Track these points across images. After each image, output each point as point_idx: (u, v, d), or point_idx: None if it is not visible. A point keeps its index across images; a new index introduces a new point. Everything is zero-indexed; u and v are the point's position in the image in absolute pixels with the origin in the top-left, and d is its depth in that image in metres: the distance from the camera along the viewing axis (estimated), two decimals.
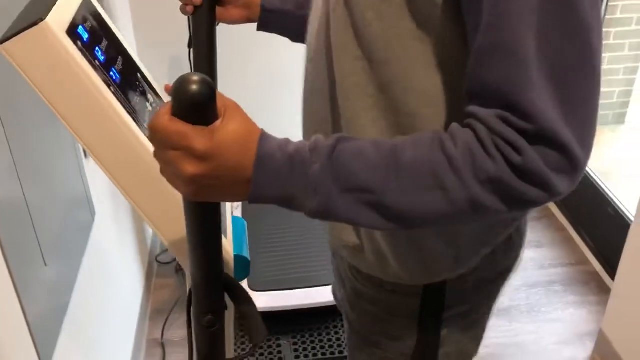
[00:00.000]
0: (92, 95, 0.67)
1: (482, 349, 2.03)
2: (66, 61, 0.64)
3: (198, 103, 0.53)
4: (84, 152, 1.37)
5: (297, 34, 0.96)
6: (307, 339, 2.02)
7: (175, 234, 0.75)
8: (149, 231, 2.36)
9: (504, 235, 0.82)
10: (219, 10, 0.98)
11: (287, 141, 0.60)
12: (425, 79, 0.66)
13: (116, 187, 0.71)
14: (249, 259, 0.88)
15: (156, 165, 0.61)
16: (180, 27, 1.24)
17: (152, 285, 2.23)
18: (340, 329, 2.05)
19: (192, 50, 0.96)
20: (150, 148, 0.60)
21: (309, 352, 1.97)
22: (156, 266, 2.32)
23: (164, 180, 0.60)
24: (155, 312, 2.13)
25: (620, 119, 3.12)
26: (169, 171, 0.57)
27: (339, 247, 0.87)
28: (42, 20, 0.60)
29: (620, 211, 2.18)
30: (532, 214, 2.42)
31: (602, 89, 1.75)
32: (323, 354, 1.97)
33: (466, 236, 0.78)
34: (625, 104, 3.09)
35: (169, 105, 0.54)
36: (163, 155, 0.56)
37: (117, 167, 0.70)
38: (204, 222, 0.62)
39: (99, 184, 1.54)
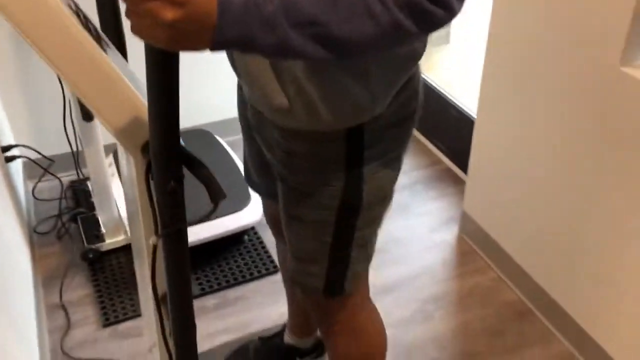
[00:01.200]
0: None
1: None
2: None
3: None
4: None
5: None
6: (209, 271, 2.11)
7: (121, 120, 0.82)
8: (23, 203, 2.28)
9: (406, 78, 0.99)
10: None
11: None
12: None
13: (55, 70, 0.76)
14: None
15: (98, 53, 0.67)
16: None
17: (36, 256, 2.17)
18: (238, 257, 2.16)
19: None
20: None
21: (214, 283, 2.07)
22: (36, 237, 2.26)
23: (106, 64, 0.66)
24: (47, 279, 2.09)
25: (444, 38, 3.47)
26: (145, 25, 0.64)
27: (271, 114, 0.99)
28: None
29: (463, 112, 2.49)
30: None
31: None
32: (227, 281, 2.07)
33: (377, 78, 0.94)
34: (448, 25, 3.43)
35: None
36: (139, 8, 0.63)
37: (64, 61, 0.75)
38: (169, 82, 0.70)
39: None
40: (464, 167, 2.39)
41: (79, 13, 0.86)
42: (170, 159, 0.77)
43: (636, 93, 1.43)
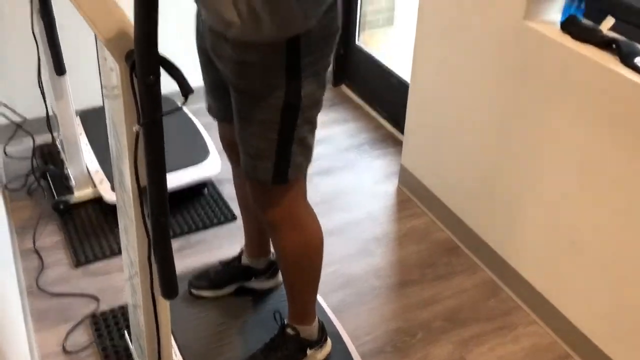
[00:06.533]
0: None
1: (316, 197, 2.56)
2: None
3: None
4: None
5: None
6: (172, 220, 2.31)
7: (110, 30, 1.03)
8: None
9: (329, 2, 1.24)
10: None
11: None
12: None
13: None
14: None
15: None
16: None
17: (10, 209, 2.33)
18: (199, 208, 2.36)
19: None
20: None
21: (176, 230, 2.26)
22: (7, 194, 2.41)
23: None
24: (20, 229, 2.25)
25: (389, 21, 3.75)
26: None
27: (224, 29, 1.22)
28: None
29: (400, 79, 2.75)
30: (336, 97, 3.02)
31: None
32: (189, 228, 2.27)
33: None
34: (392, 8, 3.72)
35: None
36: None
37: None
38: None
39: None
40: (403, 129, 2.66)
41: None
42: (151, 57, 0.98)
43: (539, 44, 1.71)
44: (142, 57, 0.99)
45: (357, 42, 3.12)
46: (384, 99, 2.92)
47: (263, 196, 1.44)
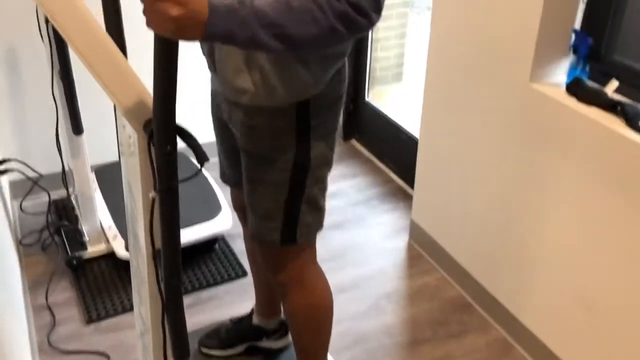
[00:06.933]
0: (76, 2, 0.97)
1: (327, 252, 2.57)
2: None
3: None
4: None
5: None
6: (183, 276, 2.32)
7: (129, 101, 1.07)
8: (11, 215, 2.47)
9: (336, 68, 1.30)
10: None
11: (222, 0, 0.97)
12: None
13: (88, 68, 1.01)
14: None
15: (114, 48, 0.93)
16: None
17: (24, 264, 2.36)
18: (210, 263, 2.38)
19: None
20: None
21: (188, 286, 2.28)
22: (22, 249, 2.44)
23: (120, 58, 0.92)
24: (33, 284, 2.27)
25: (398, 77, 3.82)
26: (156, 19, 0.90)
27: (237, 96, 1.27)
28: None
29: (410, 135, 2.80)
30: (346, 152, 3.06)
31: (380, 54, 2.54)
32: (200, 284, 2.28)
33: (316, 65, 1.25)
34: (400, 64, 3.79)
35: None
36: (153, 7, 0.89)
37: (90, 53, 1.01)
38: (171, 66, 0.95)
39: None
40: (412, 184, 2.68)
41: None
42: (169, 127, 1.02)
43: (545, 106, 1.74)
44: (160, 128, 1.03)
45: (366, 97, 3.18)
46: (393, 153, 2.96)
47: (272, 258, 1.46)
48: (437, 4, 2.11)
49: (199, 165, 1.07)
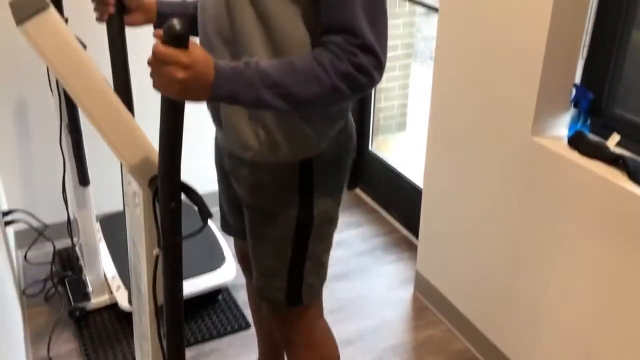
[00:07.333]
0: (83, 61, 1.00)
1: (332, 304, 2.54)
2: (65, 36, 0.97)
3: (181, 35, 0.90)
4: None
5: None
6: (186, 327, 2.30)
7: (135, 158, 1.08)
8: (15, 266, 2.47)
9: (340, 125, 1.31)
10: (125, 17, 1.34)
11: (228, 62, 1.00)
12: (299, 33, 1.11)
13: (95, 128, 1.03)
14: None
15: (121, 108, 0.95)
16: None
17: (26, 315, 2.34)
18: (213, 315, 2.36)
19: (109, 46, 1.30)
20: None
21: (190, 338, 2.25)
22: (25, 299, 2.43)
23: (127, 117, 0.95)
24: (35, 336, 2.25)
25: (402, 126, 3.86)
26: (163, 81, 0.92)
27: (242, 151, 1.28)
28: (47, 6, 0.93)
29: (413, 184, 2.81)
30: (351, 201, 3.06)
31: (384, 104, 2.59)
32: (203, 336, 2.26)
33: (320, 122, 1.26)
34: (404, 114, 3.84)
35: (161, 40, 0.91)
36: (160, 70, 0.91)
37: (98, 113, 1.03)
38: (177, 125, 0.97)
39: None
40: (417, 233, 2.67)
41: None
42: (173, 185, 1.03)
43: (547, 159, 1.75)
44: (165, 185, 1.04)
45: (370, 147, 3.21)
46: (398, 203, 2.96)
47: (279, 317, 1.45)
48: (440, 56, 2.15)
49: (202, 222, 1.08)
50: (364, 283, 2.58)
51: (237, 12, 1.14)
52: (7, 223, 2.41)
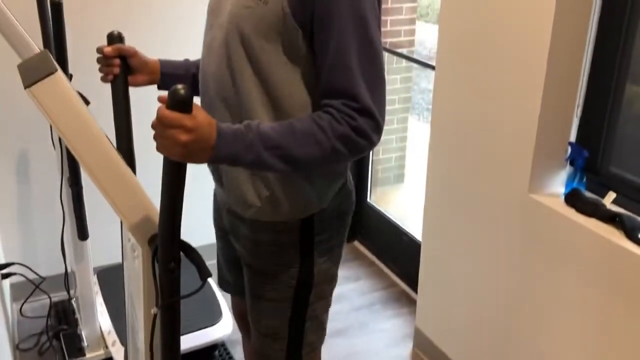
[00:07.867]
0: (88, 123, 1.02)
1: None
2: (71, 99, 0.99)
3: (185, 100, 0.93)
4: None
5: None
6: None
7: (135, 217, 1.09)
8: (10, 319, 2.44)
9: (340, 183, 1.32)
10: (129, 77, 1.37)
11: (229, 124, 1.01)
12: (299, 94, 1.14)
13: (97, 187, 1.04)
14: None
15: (123, 167, 0.97)
16: None
17: None
18: None
19: (113, 106, 1.32)
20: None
21: None
22: (18, 354, 2.40)
23: (129, 176, 0.97)
24: None
25: (400, 178, 3.89)
26: (167, 144, 0.94)
27: (244, 210, 1.28)
28: (55, 71, 0.95)
29: (412, 237, 2.81)
30: (350, 254, 3.05)
31: (382, 156, 2.64)
32: None
33: (320, 181, 1.27)
34: (402, 166, 3.87)
35: (165, 104, 0.93)
36: (164, 133, 0.93)
37: (100, 172, 1.04)
38: (178, 186, 0.99)
39: None
40: (416, 288, 2.66)
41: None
42: (173, 245, 1.04)
43: (544, 217, 1.77)
44: (164, 245, 1.05)
45: (368, 199, 3.22)
46: (396, 256, 2.96)
47: None
48: (436, 112, 2.18)
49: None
50: (362, 339, 2.55)
51: (237, 73, 1.18)
52: (4, 276, 2.40)
